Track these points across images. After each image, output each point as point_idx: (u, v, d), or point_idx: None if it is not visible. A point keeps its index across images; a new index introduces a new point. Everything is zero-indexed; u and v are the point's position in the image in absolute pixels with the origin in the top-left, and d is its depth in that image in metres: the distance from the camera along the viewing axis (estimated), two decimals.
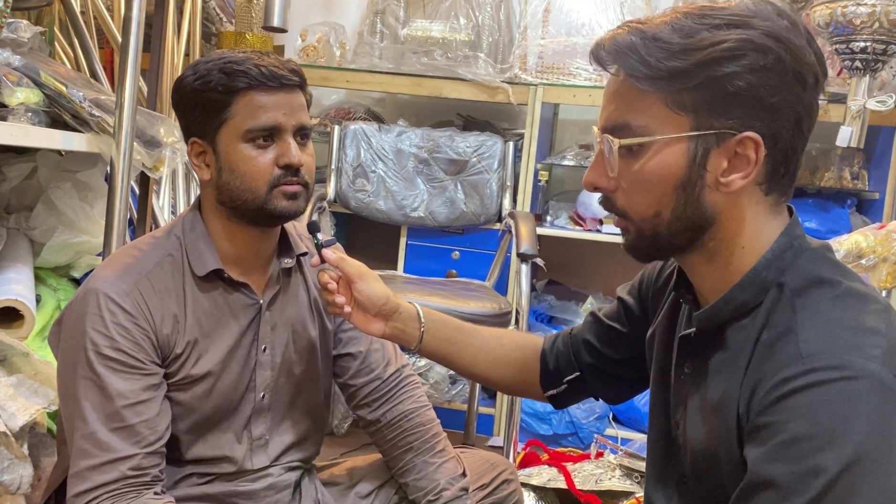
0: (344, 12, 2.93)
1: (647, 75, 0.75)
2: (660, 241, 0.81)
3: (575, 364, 1.09)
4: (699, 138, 0.75)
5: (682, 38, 0.75)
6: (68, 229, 1.79)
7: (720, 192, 0.77)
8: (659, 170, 0.77)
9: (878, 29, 1.95)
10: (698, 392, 0.84)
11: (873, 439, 0.67)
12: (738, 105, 0.74)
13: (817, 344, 0.71)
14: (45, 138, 1.47)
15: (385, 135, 2.53)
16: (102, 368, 1.02)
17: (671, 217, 0.78)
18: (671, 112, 0.76)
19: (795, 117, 0.76)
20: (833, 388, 0.68)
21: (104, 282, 1.06)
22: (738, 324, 0.80)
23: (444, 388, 2.56)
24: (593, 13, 2.47)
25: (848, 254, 1.48)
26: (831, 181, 2.43)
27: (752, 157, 0.75)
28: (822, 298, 0.75)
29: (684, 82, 0.74)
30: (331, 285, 1.10)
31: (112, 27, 2.17)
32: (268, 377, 1.17)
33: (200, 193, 1.16)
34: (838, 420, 0.67)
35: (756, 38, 0.74)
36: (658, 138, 0.76)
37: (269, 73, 1.06)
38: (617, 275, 2.76)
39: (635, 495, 1.69)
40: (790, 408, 0.69)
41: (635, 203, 0.80)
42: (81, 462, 1.01)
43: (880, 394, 0.68)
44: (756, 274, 0.79)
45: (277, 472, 1.19)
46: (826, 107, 2.29)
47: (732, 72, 0.73)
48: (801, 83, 0.75)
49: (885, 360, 0.69)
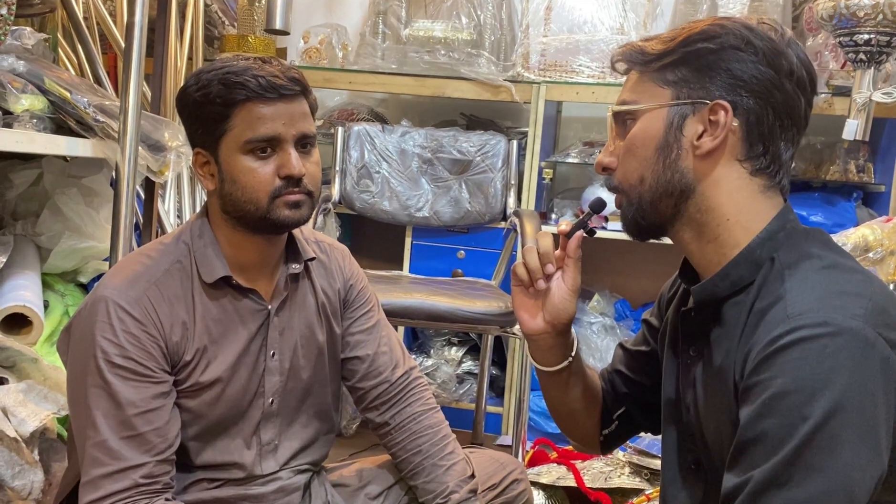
0: (346, 13, 2.93)
1: (642, 61, 0.88)
2: (645, 207, 0.88)
3: (618, 399, 1.09)
4: (677, 107, 0.86)
5: (674, 32, 0.88)
6: (75, 235, 1.79)
7: (696, 157, 0.85)
8: (643, 133, 0.87)
9: (882, 21, 1.94)
10: (703, 371, 0.88)
11: (856, 389, 0.71)
12: (711, 78, 0.84)
13: (803, 305, 0.76)
14: (50, 144, 1.48)
15: (389, 135, 2.53)
16: (112, 377, 1.02)
17: (653, 180, 0.87)
18: (657, 87, 0.87)
19: (770, 99, 0.83)
20: (817, 343, 0.72)
21: (113, 289, 1.06)
22: (734, 299, 0.85)
23: (452, 388, 2.56)
24: (595, 10, 2.47)
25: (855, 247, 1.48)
26: (837, 174, 2.42)
27: (722, 122, 0.83)
28: (810, 269, 0.81)
29: (666, 59, 0.86)
30: (549, 267, 0.98)
31: (115, 32, 2.17)
32: (276, 382, 1.17)
33: (207, 201, 1.16)
34: (822, 373, 0.71)
35: (728, 24, 0.85)
36: (641, 107, 0.88)
37: (268, 84, 1.04)
38: (623, 272, 2.76)
39: (645, 492, 1.69)
40: (777, 365, 0.74)
41: (626, 171, 0.89)
42: (93, 470, 1.01)
43: (862, 348, 0.72)
44: (750, 251, 0.84)
45: (287, 476, 1.20)
46: (830, 100, 2.28)
47: (706, 48, 0.84)
48: (775, 68, 0.83)
49: (867, 318, 0.73)
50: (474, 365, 2.61)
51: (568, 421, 1.10)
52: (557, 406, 1.08)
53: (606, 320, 2.59)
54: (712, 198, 0.85)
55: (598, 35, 2.44)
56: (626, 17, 2.46)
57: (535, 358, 1.05)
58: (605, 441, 1.10)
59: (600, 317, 2.60)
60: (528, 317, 1.01)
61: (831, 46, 2.25)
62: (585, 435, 1.10)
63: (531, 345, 1.04)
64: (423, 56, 2.52)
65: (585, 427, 1.09)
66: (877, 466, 0.72)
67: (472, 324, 1.86)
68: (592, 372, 1.10)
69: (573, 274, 0.99)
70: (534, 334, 1.02)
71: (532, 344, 1.04)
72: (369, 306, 1.29)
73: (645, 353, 1.07)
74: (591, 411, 1.08)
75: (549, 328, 1.00)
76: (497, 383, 2.60)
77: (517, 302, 1.02)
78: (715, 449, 0.87)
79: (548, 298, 1.00)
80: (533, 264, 0.99)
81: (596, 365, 2.45)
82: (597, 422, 1.08)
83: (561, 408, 1.08)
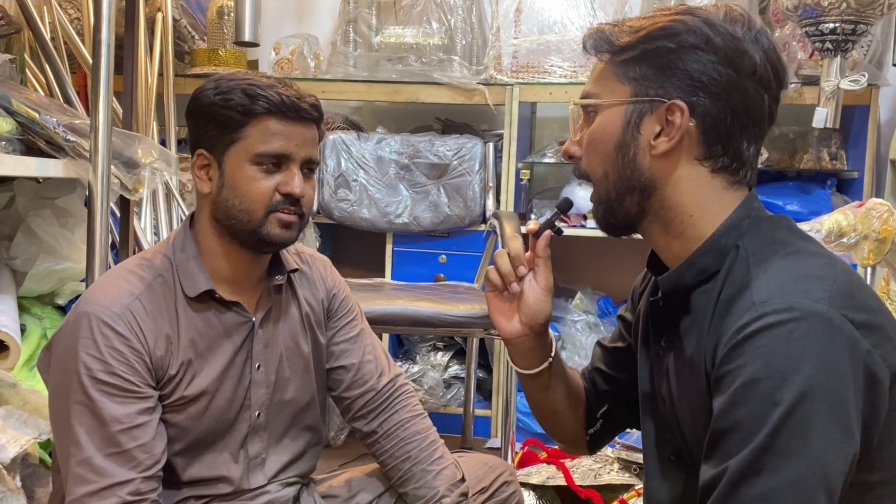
0: (316, 23, 2.92)
1: (607, 49, 0.87)
2: (613, 205, 0.88)
3: (601, 397, 1.09)
4: (635, 104, 0.85)
5: (641, 22, 0.86)
6: (50, 257, 1.78)
7: (653, 157, 0.85)
8: (602, 129, 0.87)
9: (846, 10, 1.96)
10: (675, 362, 0.89)
11: (824, 372, 0.71)
12: (669, 77, 0.83)
13: (768, 292, 0.76)
14: (20, 166, 1.46)
15: (364, 143, 2.53)
16: (96, 393, 1.01)
17: (615, 178, 0.87)
18: (618, 82, 0.86)
19: (728, 101, 0.83)
20: (784, 328, 0.73)
21: (95, 305, 1.05)
22: (702, 288, 0.85)
23: (440, 393, 2.56)
24: (564, 10, 2.48)
25: (829, 233, 1.49)
26: (810, 163, 2.44)
27: (677, 123, 0.83)
28: (774, 256, 0.81)
29: (630, 53, 0.85)
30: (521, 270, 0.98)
31: (83, 51, 2.15)
32: (263, 395, 1.16)
33: (196, 208, 1.16)
34: (791, 358, 0.72)
35: (690, 20, 0.83)
36: (601, 101, 0.87)
37: (291, 103, 1.07)
38: (604, 269, 2.77)
39: (634, 488, 1.69)
40: (746, 352, 0.74)
41: (591, 164, 0.90)
42: (78, 489, 1.00)
43: (828, 331, 0.72)
44: (715, 240, 0.84)
45: (275, 489, 1.19)
46: (801, 89, 2.31)
47: (665, 46, 0.83)
48: (735, 68, 0.82)
49: (831, 301, 0.74)
50: (461, 369, 2.61)
51: (552, 423, 1.10)
52: (541, 408, 1.08)
53: (590, 318, 2.60)
54: (673, 196, 0.86)
55: (568, 35, 2.46)
56: (596, 16, 2.47)
57: (515, 362, 1.04)
58: (592, 440, 1.10)
59: (584, 314, 2.61)
60: (505, 321, 1.01)
61: (799, 37, 2.28)
62: (571, 436, 1.10)
63: (510, 349, 1.04)
64: (395, 63, 2.52)
65: (570, 428, 1.09)
66: (850, 446, 0.72)
67: (456, 328, 1.86)
68: (574, 372, 1.10)
69: (545, 273, 0.99)
70: (512, 338, 1.01)
71: (511, 348, 1.03)
72: (352, 315, 1.29)
73: (622, 349, 1.07)
74: (575, 412, 1.08)
75: (526, 330, 1.00)
76: (484, 386, 2.60)
77: (493, 307, 1.02)
78: (692, 439, 0.87)
79: (522, 301, 1.00)
80: (505, 268, 0.99)
81: (582, 363, 2.46)
82: (581, 422, 1.08)
83: (544, 410, 1.08)
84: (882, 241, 1.51)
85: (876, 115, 2.32)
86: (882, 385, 0.74)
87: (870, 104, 2.30)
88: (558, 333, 2.57)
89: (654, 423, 0.95)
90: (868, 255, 1.50)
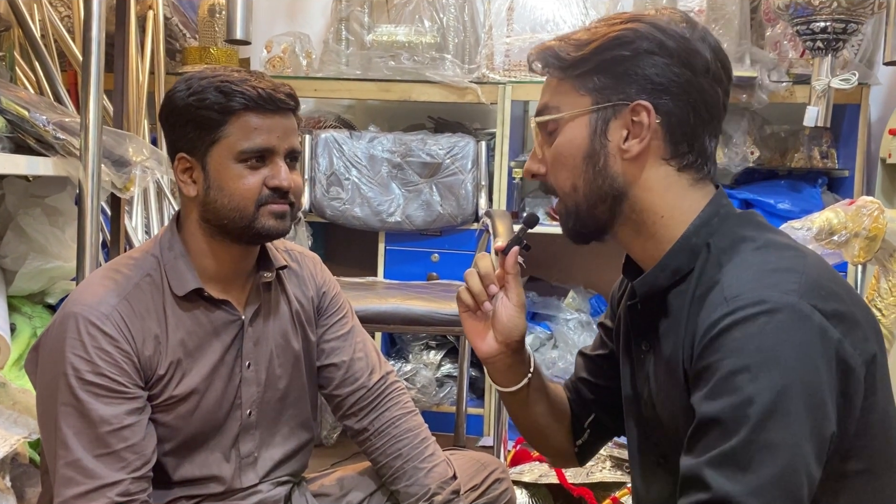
0: (308, 21, 2.91)
1: (559, 66, 0.88)
2: (583, 215, 0.89)
3: (586, 407, 1.08)
4: (598, 112, 0.86)
5: (587, 34, 0.87)
6: (40, 256, 1.77)
7: (625, 161, 0.86)
8: (568, 143, 0.88)
9: (837, 8, 1.97)
10: (655, 364, 0.89)
11: (798, 363, 0.72)
12: (628, 83, 0.85)
13: (739, 287, 0.77)
14: (9, 164, 1.45)
15: (357, 141, 2.52)
16: (84, 394, 1.01)
17: (586, 188, 0.88)
18: (578, 94, 0.87)
19: (688, 99, 0.85)
20: (756, 322, 0.74)
21: (83, 305, 1.04)
22: (677, 289, 0.86)
23: (432, 392, 2.56)
24: (557, 9, 2.48)
25: (820, 231, 1.50)
26: (801, 161, 2.45)
27: (644, 122, 0.84)
28: (744, 251, 0.82)
29: (584, 67, 0.86)
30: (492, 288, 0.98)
31: (73, 49, 2.14)
32: (254, 393, 1.16)
33: (182, 210, 1.15)
34: (766, 350, 0.73)
35: (640, 27, 0.85)
36: (563, 115, 0.88)
37: (267, 96, 1.06)
38: (596, 267, 2.78)
39: (626, 485, 1.70)
40: (720, 348, 0.75)
41: (558, 179, 0.90)
42: (66, 490, 0.99)
43: (799, 322, 0.74)
44: (686, 240, 0.86)
45: (267, 489, 1.18)
46: (791, 88, 2.31)
47: (620, 55, 0.85)
48: (690, 68, 0.84)
49: (801, 293, 0.75)
50: (453, 368, 2.61)
51: (539, 438, 1.09)
52: (525, 424, 1.07)
53: (582, 316, 2.61)
54: (644, 199, 0.87)
55: (560, 33, 2.45)
56: (588, 15, 2.48)
57: (495, 380, 1.03)
58: (581, 452, 1.09)
59: (576, 313, 2.61)
60: (481, 340, 1.00)
61: (790, 36, 2.29)
62: (560, 449, 1.09)
63: (489, 367, 1.03)
64: (387, 61, 2.51)
65: (558, 441, 1.08)
66: (827, 429, 0.74)
67: (448, 326, 1.86)
68: (556, 386, 1.09)
69: (516, 290, 0.98)
70: (489, 357, 1.00)
71: (490, 367, 1.02)
72: (343, 313, 1.28)
73: (604, 356, 1.07)
74: (561, 424, 1.07)
75: (503, 348, 0.99)
76: (477, 385, 2.60)
77: (467, 328, 1.01)
78: (675, 442, 0.86)
79: (496, 318, 0.99)
80: (476, 287, 0.98)
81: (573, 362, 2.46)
82: (568, 434, 1.08)
83: (529, 426, 1.07)
84: (872, 239, 1.52)
85: (866, 114, 2.33)
86: (855, 373, 0.75)
87: (860, 103, 2.31)
88: (550, 332, 2.58)
89: (637, 427, 0.95)
90: (858, 253, 1.51)
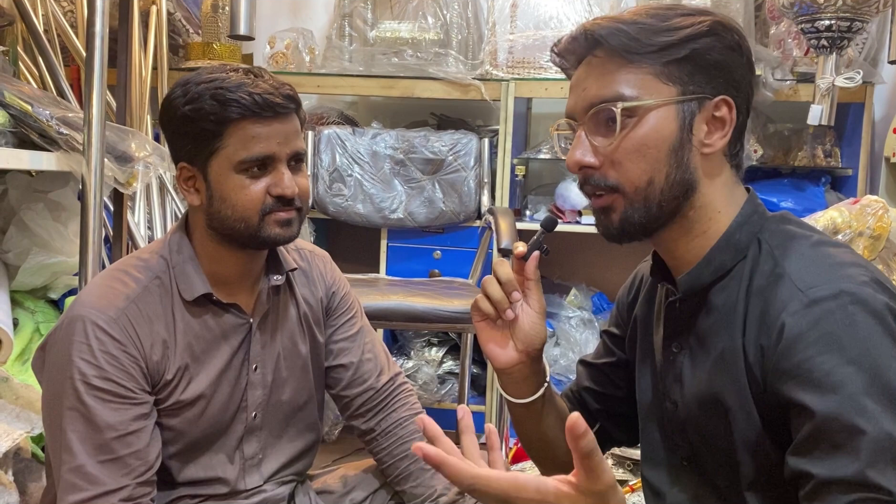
0: (311, 17, 2.91)
1: (637, 50, 0.82)
2: (651, 211, 0.84)
3: (591, 416, 1.05)
4: (685, 104, 0.83)
5: (660, 21, 0.83)
6: (43, 251, 1.77)
7: (702, 157, 0.84)
8: (655, 134, 0.82)
9: (842, 7, 1.96)
10: (693, 364, 0.87)
11: (887, 353, 0.72)
12: (714, 76, 0.83)
13: (811, 278, 0.76)
14: (13, 159, 1.45)
15: (359, 138, 2.52)
16: (90, 399, 0.99)
17: (664, 183, 0.83)
18: (661, 83, 0.83)
19: (748, 96, 0.86)
20: (843, 313, 0.73)
21: (90, 308, 1.02)
22: (720, 285, 0.85)
23: (434, 389, 2.56)
24: (560, 6, 2.48)
25: (824, 230, 1.49)
26: (805, 160, 2.45)
27: (727, 118, 0.84)
28: (800, 247, 0.82)
29: (672, 54, 0.82)
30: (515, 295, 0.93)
31: (76, 44, 2.14)
32: (259, 396, 1.15)
33: (189, 215, 1.13)
34: (861, 340, 0.72)
35: (726, 22, 0.84)
36: (652, 102, 0.82)
37: (264, 102, 1.01)
38: (598, 265, 2.77)
39: (629, 483, 1.70)
40: (816, 342, 0.73)
41: (628, 172, 0.83)
42: (70, 496, 0.98)
43: (881, 314, 0.73)
44: (730, 236, 0.85)
45: (270, 488, 1.18)
46: (796, 86, 2.31)
47: (712, 46, 0.82)
48: (751, 69, 0.86)
49: (874, 287, 0.75)
50: (455, 365, 2.61)
51: (546, 451, 1.04)
52: (533, 438, 1.03)
53: (584, 314, 2.60)
54: (709, 194, 0.85)
55: (564, 30, 2.45)
56: (592, 12, 2.47)
57: (508, 392, 0.98)
58: None
59: (578, 311, 2.61)
60: (500, 350, 0.96)
61: (794, 34, 2.28)
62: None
63: (504, 379, 0.98)
64: (390, 57, 2.51)
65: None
66: None
67: (450, 323, 1.86)
68: (560, 397, 1.06)
69: (537, 296, 0.94)
70: (508, 367, 0.96)
71: (505, 378, 0.98)
72: (352, 313, 1.27)
73: (612, 364, 1.04)
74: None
75: (523, 357, 0.95)
76: (478, 382, 2.60)
77: (484, 337, 0.96)
78: (704, 440, 0.85)
79: (517, 326, 0.95)
80: (497, 295, 0.93)
81: (575, 359, 2.46)
82: None
83: (537, 440, 1.03)
84: (877, 238, 1.52)
85: (870, 113, 2.33)
86: None
87: (864, 101, 2.31)
88: (552, 329, 2.58)
89: (660, 429, 0.93)
90: (863, 252, 1.51)
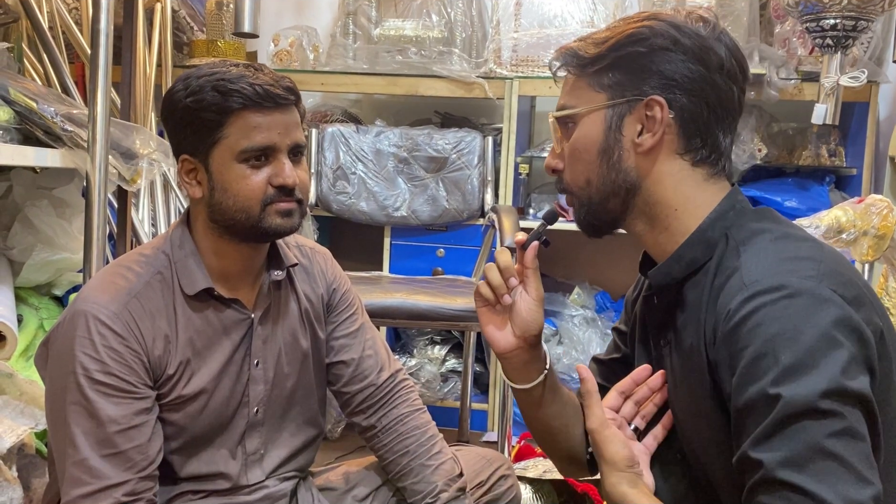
0: (316, 15, 2.91)
1: (577, 64, 0.91)
2: (595, 209, 0.91)
3: None
4: (613, 108, 0.88)
5: (605, 33, 0.90)
6: (47, 247, 1.77)
7: (638, 155, 0.88)
8: (583, 138, 0.90)
9: (847, 6, 1.96)
10: (675, 359, 0.90)
11: (820, 342, 0.73)
12: (643, 79, 0.87)
13: (757, 273, 0.79)
14: (18, 156, 1.45)
15: (363, 136, 2.52)
16: (93, 393, 1.00)
17: (599, 182, 0.90)
18: (594, 91, 0.89)
19: (702, 95, 0.86)
20: (776, 306, 0.75)
21: (93, 303, 1.03)
22: (693, 280, 0.88)
23: (437, 387, 2.56)
24: (565, 4, 2.47)
25: (829, 229, 1.49)
26: (809, 159, 2.44)
27: (658, 117, 0.86)
28: (762, 241, 0.84)
29: (600, 64, 0.88)
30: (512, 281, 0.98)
31: (81, 41, 2.14)
32: (261, 391, 1.16)
33: (190, 209, 1.13)
34: (788, 332, 0.73)
35: (656, 25, 0.87)
36: (579, 110, 0.90)
37: (265, 93, 1.03)
38: (602, 264, 2.77)
39: None
40: (745, 333, 0.76)
41: (572, 174, 0.92)
42: (74, 490, 0.99)
43: (821, 304, 0.75)
44: (702, 232, 0.87)
45: (273, 484, 1.18)
46: (800, 85, 2.30)
47: (636, 51, 0.86)
48: (704, 64, 0.86)
49: (820, 279, 0.77)
50: (458, 363, 2.61)
51: (551, 441, 1.08)
52: (537, 426, 1.07)
53: (588, 312, 2.60)
54: (658, 192, 0.88)
55: (568, 29, 2.45)
56: (596, 11, 2.47)
57: (509, 377, 1.03)
58: (592, 459, 1.07)
59: (581, 309, 2.61)
60: (499, 334, 1.00)
61: (799, 33, 2.28)
62: (571, 455, 1.08)
63: (505, 364, 1.03)
64: (394, 55, 2.51)
65: (569, 446, 1.07)
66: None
67: (453, 321, 1.86)
68: (569, 391, 1.09)
69: (535, 284, 0.98)
70: (507, 351, 1.01)
71: (506, 363, 1.03)
72: (353, 309, 1.28)
73: (619, 360, 1.07)
74: (572, 429, 1.06)
75: (521, 342, 1.00)
76: (481, 380, 2.60)
77: (485, 321, 1.01)
78: (693, 435, 0.87)
79: (515, 312, 0.99)
80: (496, 280, 0.98)
81: (579, 357, 2.46)
82: (580, 441, 1.06)
83: (541, 427, 1.07)
84: (881, 238, 1.51)
85: (875, 112, 2.32)
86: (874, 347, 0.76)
87: (869, 101, 2.30)
88: (555, 328, 2.58)
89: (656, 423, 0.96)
90: (867, 252, 1.50)
